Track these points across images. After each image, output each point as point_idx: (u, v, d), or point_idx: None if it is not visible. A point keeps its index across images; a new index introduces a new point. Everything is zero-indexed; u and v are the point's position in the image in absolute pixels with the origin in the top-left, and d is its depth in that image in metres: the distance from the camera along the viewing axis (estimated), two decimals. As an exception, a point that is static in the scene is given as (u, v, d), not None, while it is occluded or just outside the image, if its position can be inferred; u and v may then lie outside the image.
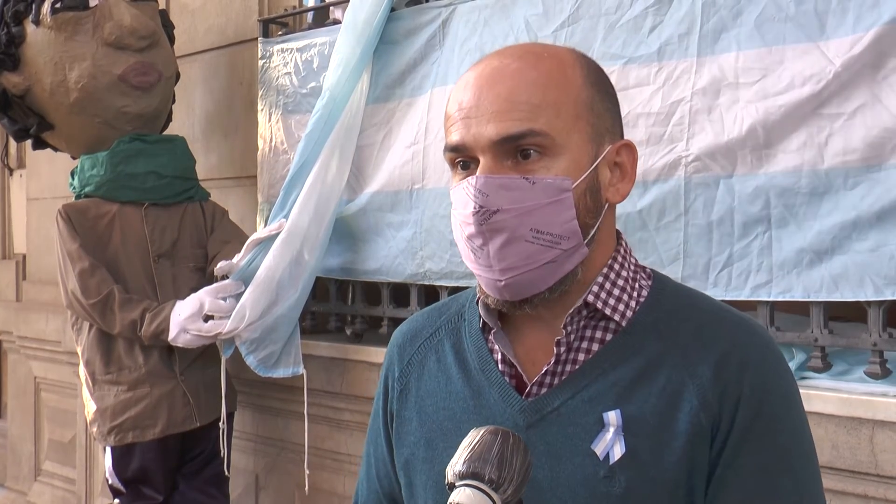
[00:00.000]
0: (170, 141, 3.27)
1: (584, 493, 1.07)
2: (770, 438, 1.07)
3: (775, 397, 1.09)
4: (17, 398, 5.17)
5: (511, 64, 1.09)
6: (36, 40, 3.16)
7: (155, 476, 3.04)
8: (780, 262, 2.02)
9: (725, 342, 1.10)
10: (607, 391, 1.09)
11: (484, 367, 1.17)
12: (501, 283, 1.08)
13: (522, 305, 1.11)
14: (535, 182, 1.05)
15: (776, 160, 2.03)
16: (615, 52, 2.28)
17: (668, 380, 1.08)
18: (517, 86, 1.07)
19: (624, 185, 1.14)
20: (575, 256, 1.09)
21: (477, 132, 1.07)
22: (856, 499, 1.93)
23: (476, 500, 0.95)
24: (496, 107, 1.06)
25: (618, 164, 1.13)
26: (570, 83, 1.09)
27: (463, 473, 0.97)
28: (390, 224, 2.84)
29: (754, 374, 1.08)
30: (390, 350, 1.31)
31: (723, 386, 1.07)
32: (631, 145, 1.14)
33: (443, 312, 1.28)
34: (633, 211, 2.19)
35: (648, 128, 2.21)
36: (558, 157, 1.06)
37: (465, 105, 1.09)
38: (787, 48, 2.02)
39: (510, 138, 1.05)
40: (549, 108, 1.06)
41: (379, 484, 1.30)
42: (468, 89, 1.10)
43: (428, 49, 2.78)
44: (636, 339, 1.12)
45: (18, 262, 5.20)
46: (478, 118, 1.07)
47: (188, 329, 2.84)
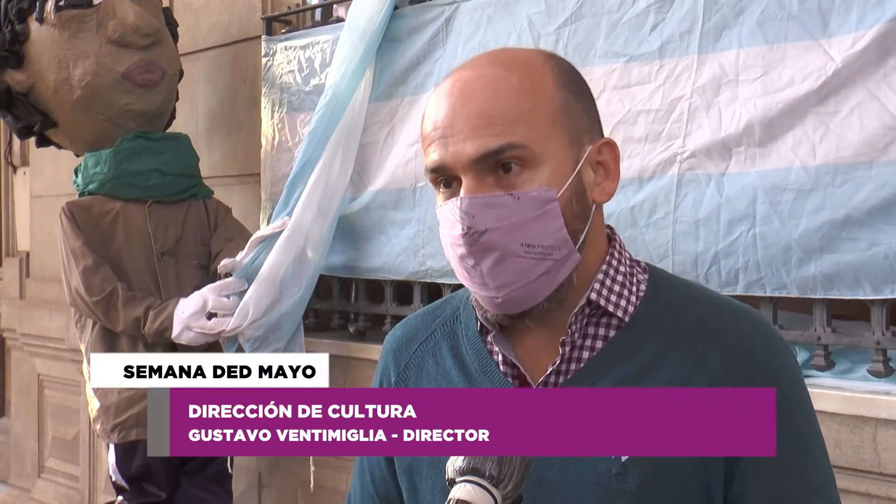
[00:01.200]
0: (173, 139, 3.28)
1: (597, 491, 1.07)
2: (785, 423, 1.08)
3: (784, 382, 1.10)
4: (20, 395, 5.18)
5: (481, 76, 1.07)
6: (40, 38, 3.17)
7: (158, 473, 3.05)
8: (767, 259, 2.01)
9: (730, 333, 1.11)
10: (615, 386, 1.09)
11: (485, 369, 1.16)
12: (499, 299, 1.08)
13: (522, 318, 1.10)
14: (520, 197, 1.04)
15: (769, 158, 2.02)
16: (617, 50, 2.28)
17: (674, 373, 1.09)
18: (490, 99, 1.05)
19: (609, 184, 1.13)
20: (568, 264, 1.08)
21: (455, 151, 1.05)
22: (858, 497, 1.93)
23: (476, 495, 0.95)
24: (471, 123, 1.05)
25: (601, 164, 1.12)
26: (543, 90, 1.08)
27: (463, 469, 0.97)
28: (393, 222, 2.84)
29: (762, 363, 1.09)
30: (385, 354, 1.29)
31: (733, 378, 1.08)
32: (611, 143, 1.13)
33: (437, 315, 1.27)
34: (626, 207, 2.20)
35: (648, 125, 2.21)
36: (539, 167, 1.05)
37: (440, 124, 1.07)
38: (789, 45, 2.01)
39: (489, 154, 1.04)
40: (523, 118, 1.05)
41: (374, 489, 1.28)
42: (441, 107, 1.08)
43: (431, 47, 2.78)
44: (639, 334, 1.12)
45: (22, 259, 5.21)
46: (454, 137, 1.05)
47: (191, 327, 2.84)
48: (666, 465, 1.06)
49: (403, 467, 1.21)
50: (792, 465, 1.08)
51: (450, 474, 0.98)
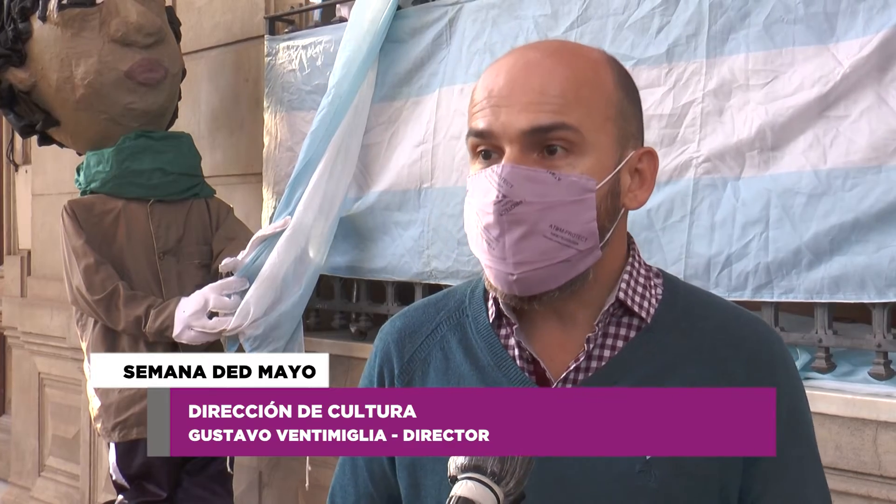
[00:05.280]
0: (175, 138, 3.28)
1: (619, 489, 1.07)
2: (801, 430, 1.12)
3: (797, 390, 1.15)
4: (21, 394, 5.18)
5: (546, 58, 1.08)
6: (42, 36, 3.17)
7: (159, 472, 3.05)
8: (777, 262, 2.02)
9: (752, 341, 1.13)
10: (636, 386, 1.10)
11: (500, 364, 1.15)
12: (513, 276, 1.07)
13: (531, 301, 1.09)
14: (561, 178, 1.04)
15: (782, 162, 2.03)
16: (624, 52, 2.28)
17: (697, 376, 1.10)
18: (551, 79, 1.06)
19: (642, 193, 1.13)
20: (589, 258, 1.08)
21: (506, 120, 1.05)
22: (859, 499, 1.93)
23: (478, 492, 0.95)
24: (529, 98, 1.05)
25: (638, 171, 1.12)
26: (603, 84, 1.09)
27: (465, 466, 0.97)
28: (398, 223, 2.84)
29: (782, 371, 1.13)
30: (384, 346, 1.25)
31: (756, 384, 1.09)
32: (653, 153, 1.14)
33: (440, 308, 1.24)
34: (643, 210, 2.19)
35: (661, 129, 2.22)
36: (584, 155, 1.05)
37: (496, 93, 1.07)
38: (797, 50, 2.02)
39: (540, 129, 1.04)
40: (581, 105, 1.05)
41: (374, 486, 1.25)
42: (500, 77, 1.08)
43: (435, 48, 2.78)
44: (660, 336, 1.13)
45: (23, 257, 5.21)
46: (508, 107, 1.05)
47: (192, 326, 2.84)
48: (688, 465, 1.06)
49: (405, 463, 1.19)
50: (807, 471, 1.13)
51: (452, 471, 0.98)
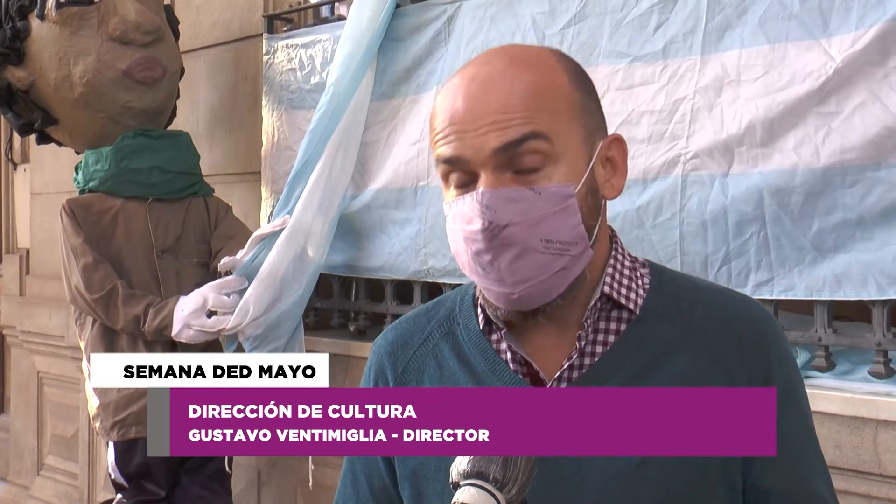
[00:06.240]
0: (174, 136, 3.28)
1: (619, 482, 1.07)
2: (796, 406, 1.13)
3: (791, 367, 1.15)
4: (20, 393, 5.18)
5: (501, 72, 1.06)
6: (41, 35, 3.16)
7: (157, 471, 3.05)
8: (780, 259, 2.02)
9: (741, 320, 1.13)
10: (630, 379, 1.10)
11: (493, 368, 1.15)
12: (515, 295, 1.07)
13: (535, 315, 1.10)
14: (541, 192, 1.03)
15: (772, 158, 2.02)
16: (621, 50, 2.28)
17: (690, 363, 1.10)
18: (511, 93, 1.04)
19: (617, 180, 1.13)
20: (582, 260, 1.08)
21: (475, 144, 1.03)
22: (859, 498, 1.93)
23: (480, 499, 0.94)
24: (493, 117, 1.03)
25: (609, 160, 1.12)
26: (561, 87, 1.08)
27: (467, 473, 0.97)
28: (394, 221, 2.84)
29: (774, 349, 1.12)
30: (378, 359, 1.26)
31: (748, 364, 1.10)
32: (620, 138, 1.14)
33: (430, 317, 1.24)
34: (632, 208, 2.19)
35: (651, 126, 2.21)
36: (558, 163, 1.05)
37: (459, 118, 1.05)
38: (790, 45, 2.01)
39: (512, 143, 1.02)
40: (544, 112, 1.04)
41: (374, 499, 1.25)
42: (458, 101, 1.06)
43: (433, 46, 2.78)
44: (650, 326, 1.13)
45: (22, 256, 5.21)
46: (475, 130, 1.03)
47: (191, 325, 2.84)
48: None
49: (407, 473, 1.19)
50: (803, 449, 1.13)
51: (454, 478, 0.98)
